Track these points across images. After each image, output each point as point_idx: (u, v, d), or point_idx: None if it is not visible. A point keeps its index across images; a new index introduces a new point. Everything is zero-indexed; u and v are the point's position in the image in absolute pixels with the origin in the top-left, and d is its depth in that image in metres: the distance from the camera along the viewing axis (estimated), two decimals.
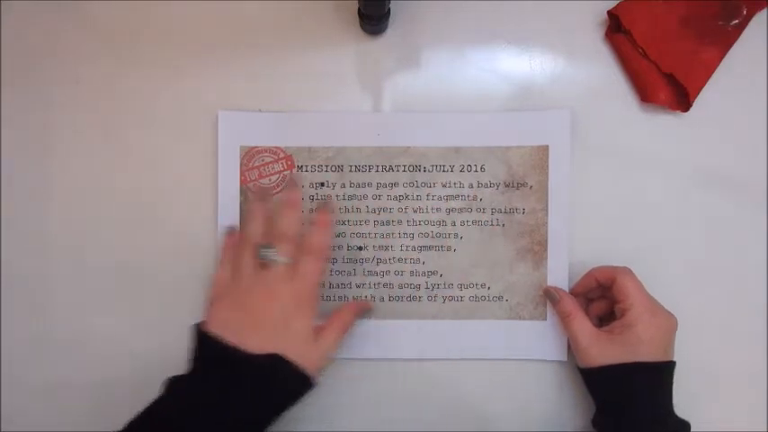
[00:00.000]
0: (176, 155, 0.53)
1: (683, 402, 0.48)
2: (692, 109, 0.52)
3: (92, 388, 0.52)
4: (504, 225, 0.52)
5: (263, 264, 0.44)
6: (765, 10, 0.52)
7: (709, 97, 0.52)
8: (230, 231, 0.49)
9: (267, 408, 0.43)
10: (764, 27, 0.53)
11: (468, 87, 0.53)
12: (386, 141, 0.52)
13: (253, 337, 0.42)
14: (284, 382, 0.43)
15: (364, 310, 0.50)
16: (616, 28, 0.52)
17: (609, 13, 0.52)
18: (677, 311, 0.51)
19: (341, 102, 0.53)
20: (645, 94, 0.52)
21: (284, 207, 0.46)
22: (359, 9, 0.49)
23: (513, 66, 0.53)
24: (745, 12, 0.51)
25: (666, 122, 0.53)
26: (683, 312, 0.52)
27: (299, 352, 0.43)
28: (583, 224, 0.52)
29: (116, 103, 0.53)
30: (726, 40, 0.52)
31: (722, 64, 0.52)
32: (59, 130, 0.53)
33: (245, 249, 0.45)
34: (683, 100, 0.52)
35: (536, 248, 0.51)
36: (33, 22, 0.53)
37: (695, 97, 0.51)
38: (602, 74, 0.53)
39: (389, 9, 0.49)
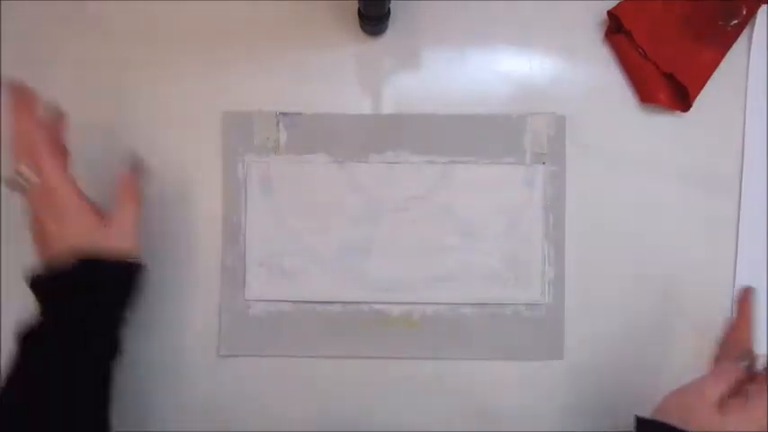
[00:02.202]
0: (177, 154, 0.53)
1: None
2: (692, 109, 0.52)
3: None
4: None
5: (23, 193, 0.43)
6: (765, 10, 0.52)
7: (709, 97, 0.52)
8: None
9: (106, 306, 0.43)
10: (764, 27, 0.53)
11: (468, 87, 0.53)
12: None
13: (57, 254, 0.42)
14: (103, 278, 0.43)
15: (138, 171, 0.45)
16: (616, 28, 0.52)
17: (609, 13, 0.52)
18: (680, 312, 0.51)
19: (340, 102, 0.53)
20: (645, 95, 0.52)
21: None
22: (359, 9, 0.49)
23: (513, 66, 0.53)
24: (744, 12, 0.51)
25: (666, 122, 0.53)
26: (685, 312, 0.52)
27: (100, 245, 0.42)
28: (582, 223, 0.52)
29: (116, 103, 0.53)
30: (726, 40, 0.52)
31: (722, 64, 0.52)
32: None
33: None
34: (683, 100, 0.52)
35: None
36: (34, 23, 0.53)
37: (695, 97, 0.51)
38: (602, 74, 0.53)
39: (389, 9, 0.50)
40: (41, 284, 0.43)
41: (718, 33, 0.52)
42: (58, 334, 0.41)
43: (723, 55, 0.52)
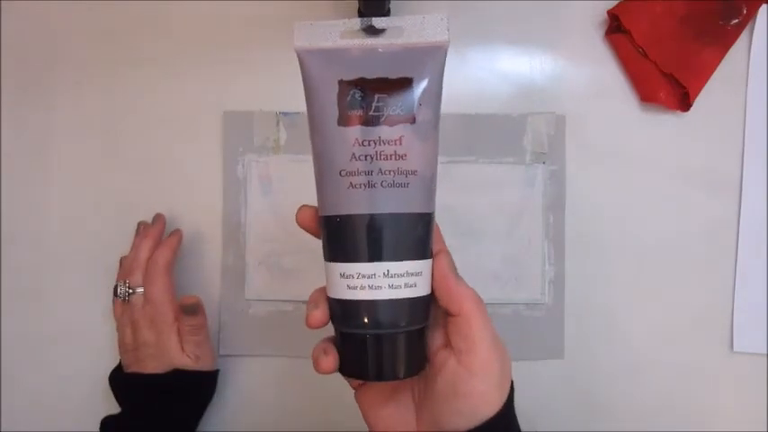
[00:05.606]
0: (177, 154, 0.53)
1: (683, 403, 0.48)
2: (692, 109, 0.52)
3: (92, 388, 0.52)
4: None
5: (126, 299, 0.48)
6: (765, 10, 0.52)
7: (709, 97, 0.52)
8: None
9: (189, 408, 0.48)
10: (764, 27, 0.53)
11: (468, 87, 0.53)
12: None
13: (149, 365, 0.47)
14: (189, 386, 0.48)
15: (191, 306, 0.48)
16: (616, 28, 0.52)
17: (609, 13, 0.52)
18: (678, 312, 0.51)
19: None
20: (645, 94, 0.52)
21: (135, 239, 0.50)
22: (359, 9, 0.49)
23: (513, 66, 0.53)
24: (744, 11, 0.51)
25: (666, 122, 0.53)
26: (683, 312, 0.52)
27: (183, 361, 0.47)
28: (582, 223, 0.52)
29: (116, 103, 0.53)
30: (726, 39, 0.52)
31: (722, 64, 0.52)
32: (59, 130, 0.53)
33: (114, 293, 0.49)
34: (683, 100, 0.52)
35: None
36: (33, 23, 0.53)
37: (695, 97, 0.51)
38: (602, 74, 0.53)
39: (389, 9, 0.49)
40: (131, 385, 0.47)
41: (719, 33, 0.52)
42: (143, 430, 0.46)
43: (723, 55, 0.52)
